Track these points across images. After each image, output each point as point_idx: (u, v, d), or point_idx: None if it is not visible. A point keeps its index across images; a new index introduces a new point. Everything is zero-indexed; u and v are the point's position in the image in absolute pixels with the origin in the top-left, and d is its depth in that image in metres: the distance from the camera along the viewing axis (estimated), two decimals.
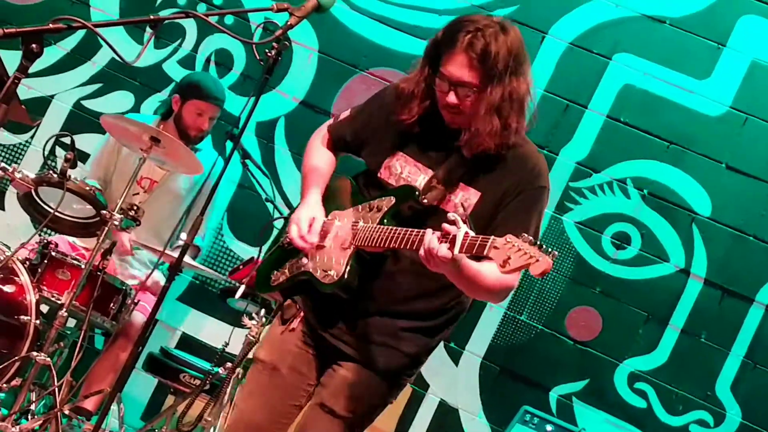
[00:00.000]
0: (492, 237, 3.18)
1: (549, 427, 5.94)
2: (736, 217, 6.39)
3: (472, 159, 3.57)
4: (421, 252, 3.35)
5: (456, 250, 3.24)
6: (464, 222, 3.30)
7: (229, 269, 6.43)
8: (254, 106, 4.12)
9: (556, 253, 3.16)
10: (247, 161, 6.21)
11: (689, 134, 6.45)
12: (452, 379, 6.54)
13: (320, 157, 3.96)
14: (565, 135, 6.55)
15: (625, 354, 6.40)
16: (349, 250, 3.63)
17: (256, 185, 6.42)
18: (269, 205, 6.34)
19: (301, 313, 3.82)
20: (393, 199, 3.63)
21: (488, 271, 3.46)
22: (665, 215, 6.43)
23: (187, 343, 6.70)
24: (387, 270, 3.66)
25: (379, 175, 3.73)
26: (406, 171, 3.68)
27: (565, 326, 6.46)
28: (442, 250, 3.31)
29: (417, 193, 3.59)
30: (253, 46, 3.93)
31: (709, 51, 6.48)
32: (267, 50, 4.03)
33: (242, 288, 5.47)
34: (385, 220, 3.60)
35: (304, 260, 3.77)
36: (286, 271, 3.83)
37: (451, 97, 3.57)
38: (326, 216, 3.79)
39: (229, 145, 4.73)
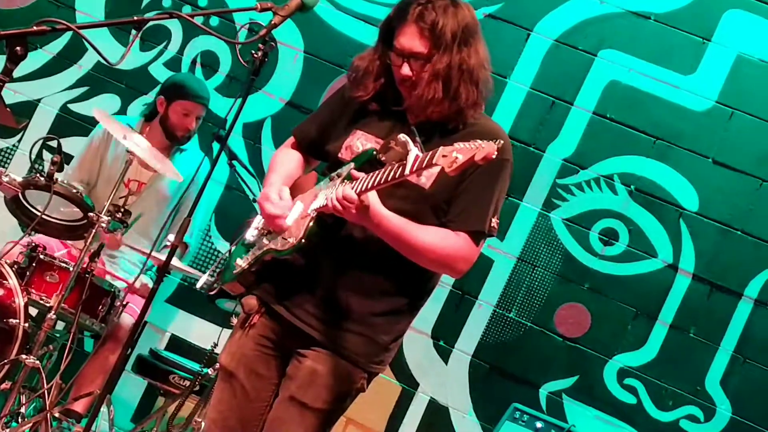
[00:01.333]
0: (440, 147, 3.20)
1: (539, 424, 5.95)
2: (723, 212, 6.40)
3: (431, 131, 3.56)
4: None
5: (407, 171, 3.27)
6: (414, 144, 3.33)
7: (223, 264, 6.42)
8: (241, 107, 4.12)
9: (501, 142, 3.16)
10: (234, 162, 6.21)
11: (675, 130, 6.46)
12: (442, 377, 6.54)
13: (283, 155, 3.99)
14: (552, 132, 6.56)
15: (615, 350, 6.40)
16: (309, 216, 3.61)
17: (243, 186, 6.42)
18: (257, 206, 6.33)
19: (262, 309, 3.80)
20: (352, 164, 3.60)
21: (423, 229, 3.55)
22: (652, 211, 6.44)
23: (176, 344, 6.69)
24: (351, 233, 3.63)
25: (340, 155, 3.74)
26: (368, 147, 3.68)
27: (554, 323, 6.47)
28: (346, 191, 3.38)
29: (374, 152, 3.55)
30: (238, 46, 3.93)
31: (695, 46, 6.49)
32: (253, 51, 4.03)
33: (205, 276, 5.46)
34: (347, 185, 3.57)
35: (265, 241, 3.74)
36: (248, 257, 3.79)
37: (405, 69, 3.61)
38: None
39: (215, 146, 4.74)
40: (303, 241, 3.58)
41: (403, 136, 3.37)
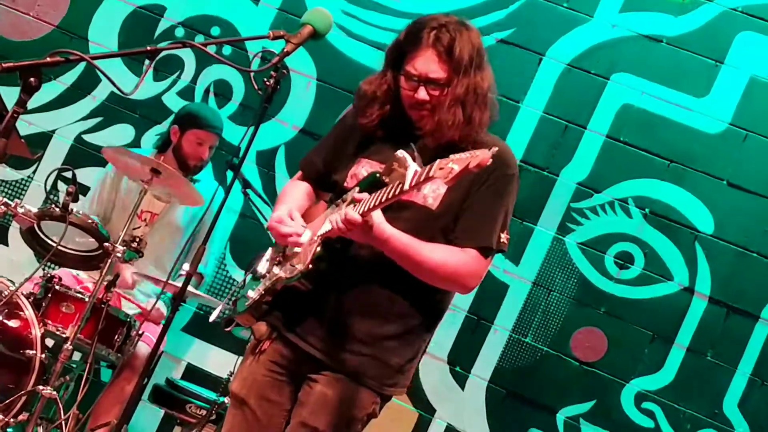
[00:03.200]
0: (437, 160, 3.21)
1: None
2: (738, 234, 6.38)
3: (437, 151, 3.53)
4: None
5: (406, 186, 3.27)
6: (413, 161, 3.34)
7: (236, 296, 6.41)
8: (254, 135, 4.14)
9: (496, 149, 3.18)
10: (248, 190, 6.23)
11: (689, 152, 6.45)
12: (459, 403, 6.52)
13: (292, 188, 3.99)
14: (565, 156, 6.55)
15: (632, 374, 6.38)
16: (316, 242, 3.61)
17: (257, 214, 6.43)
18: (271, 234, 6.35)
19: (273, 335, 3.79)
20: (357, 188, 3.61)
21: (430, 246, 3.55)
22: (668, 234, 6.43)
23: (193, 373, 6.69)
24: (359, 256, 3.63)
25: (346, 185, 3.74)
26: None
27: (570, 347, 6.45)
28: (349, 212, 3.39)
29: (378, 174, 3.54)
30: (251, 75, 3.94)
31: (707, 69, 6.49)
32: (265, 79, 4.04)
33: (217, 310, 5.46)
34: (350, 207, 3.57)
35: (275, 270, 3.74)
36: (260, 287, 3.79)
37: (421, 94, 3.62)
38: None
39: (229, 174, 4.74)
40: (310, 266, 3.58)
41: (401, 152, 3.39)
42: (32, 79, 3.04)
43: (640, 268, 6.43)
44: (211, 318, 5.35)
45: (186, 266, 4.61)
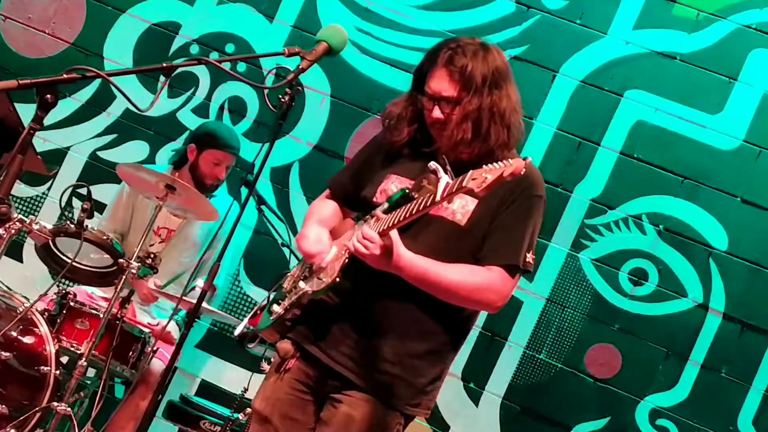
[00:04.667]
0: (470, 171, 3.25)
1: None
2: (753, 251, 6.38)
3: (463, 170, 3.49)
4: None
5: (438, 197, 3.31)
6: (445, 173, 3.37)
7: (247, 315, 6.43)
8: (268, 151, 4.14)
9: (530, 159, 3.21)
10: (263, 207, 6.24)
11: (703, 169, 6.45)
12: (473, 420, 6.51)
13: (319, 205, 4.01)
14: (579, 172, 6.55)
15: (646, 391, 6.37)
16: (344, 255, 3.62)
17: (272, 231, 6.44)
18: (285, 251, 6.37)
19: (297, 353, 3.79)
20: (386, 205, 3.62)
21: (450, 267, 3.56)
22: (682, 250, 6.42)
23: (207, 389, 6.69)
24: (387, 271, 3.60)
25: (374, 200, 3.75)
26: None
27: (584, 364, 6.44)
28: (366, 230, 3.45)
29: (407, 191, 3.57)
30: (265, 91, 3.95)
31: (721, 85, 6.49)
32: (280, 96, 4.05)
33: (242, 324, 5.46)
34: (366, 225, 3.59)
35: (301, 285, 3.75)
36: (285, 302, 3.80)
37: (436, 113, 3.65)
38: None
39: (244, 191, 4.76)
40: (338, 279, 3.59)
41: (433, 164, 3.41)
42: (48, 96, 3.06)
43: (654, 285, 6.42)
44: (237, 332, 5.36)
45: (200, 281, 4.62)
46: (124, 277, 5.30)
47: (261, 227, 6.73)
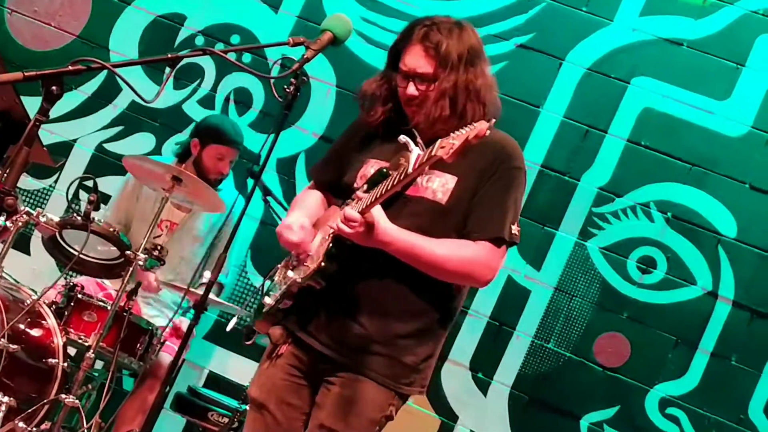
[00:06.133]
0: (439, 140, 3.28)
1: None
2: (762, 238, 6.35)
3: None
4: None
5: (410, 169, 3.34)
6: (416, 145, 3.42)
7: (254, 306, 6.41)
8: (274, 142, 4.14)
9: (494, 120, 3.28)
10: (269, 198, 6.22)
11: (711, 156, 6.43)
12: (481, 410, 6.50)
13: (304, 195, 4.03)
14: (586, 160, 6.54)
15: (656, 379, 6.36)
16: (328, 240, 3.63)
17: (278, 221, 6.42)
18: None
19: (289, 339, 3.80)
20: (365, 186, 3.63)
21: (437, 242, 3.57)
22: (690, 238, 6.40)
23: (215, 381, 6.69)
24: (371, 254, 3.60)
25: (355, 186, 3.75)
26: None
27: (593, 353, 6.43)
28: (347, 210, 3.46)
29: (385, 170, 3.58)
30: (271, 81, 3.94)
31: (728, 72, 6.47)
32: (285, 86, 4.04)
33: (233, 321, 5.45)
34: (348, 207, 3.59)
35: (290, 274, 3.75)
36: (276, 293, 3.81)
37: (411, 89, 3.67)
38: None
39: (250, 182, 4.74)
40: (323, 264, 3.60)
41: (403, 137, 3.45)
42: (54, 88, 3.06)
43: (663, 273, 6.40)
44: (228, 327, 5.35)
45: (207, 274, 4.61)
46: (131, 268, 5.29)
47: (267, 218, 6.72)
